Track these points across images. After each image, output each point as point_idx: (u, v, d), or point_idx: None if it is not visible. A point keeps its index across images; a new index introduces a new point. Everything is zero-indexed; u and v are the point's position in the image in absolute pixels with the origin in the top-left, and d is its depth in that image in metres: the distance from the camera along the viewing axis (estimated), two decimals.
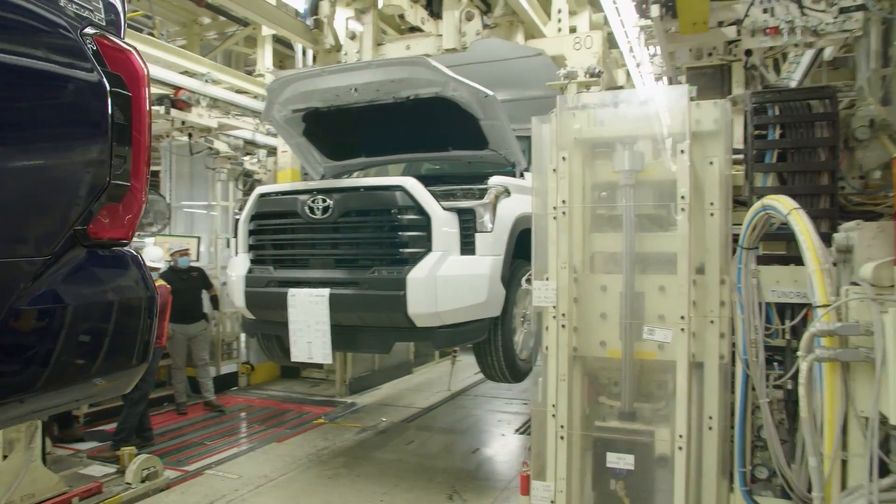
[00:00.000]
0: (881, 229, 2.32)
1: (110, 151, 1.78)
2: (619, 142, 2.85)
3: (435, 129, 5.43)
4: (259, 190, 5.14)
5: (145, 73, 1.88)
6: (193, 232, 10.35)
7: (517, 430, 7.78)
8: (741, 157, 3.37)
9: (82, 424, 7.41)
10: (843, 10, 3.88)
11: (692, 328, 2.69)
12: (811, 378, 2.25)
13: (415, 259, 4.36)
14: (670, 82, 6.04)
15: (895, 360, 2.01)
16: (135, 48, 1.90)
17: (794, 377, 2.60)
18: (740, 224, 2.82)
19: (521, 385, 10.36)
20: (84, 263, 1.73)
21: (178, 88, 6.78)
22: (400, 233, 4.45)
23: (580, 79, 5.28)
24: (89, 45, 1.71)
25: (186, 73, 6.97)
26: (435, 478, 6.22)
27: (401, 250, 4.43)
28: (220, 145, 8.11)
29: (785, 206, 2.53)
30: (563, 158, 3.01)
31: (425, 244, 4.38)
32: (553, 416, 2.85)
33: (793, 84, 5.93)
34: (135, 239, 6.56)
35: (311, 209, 4.61)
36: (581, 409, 2.86)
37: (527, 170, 5.57)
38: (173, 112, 6.75)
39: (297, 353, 4.64)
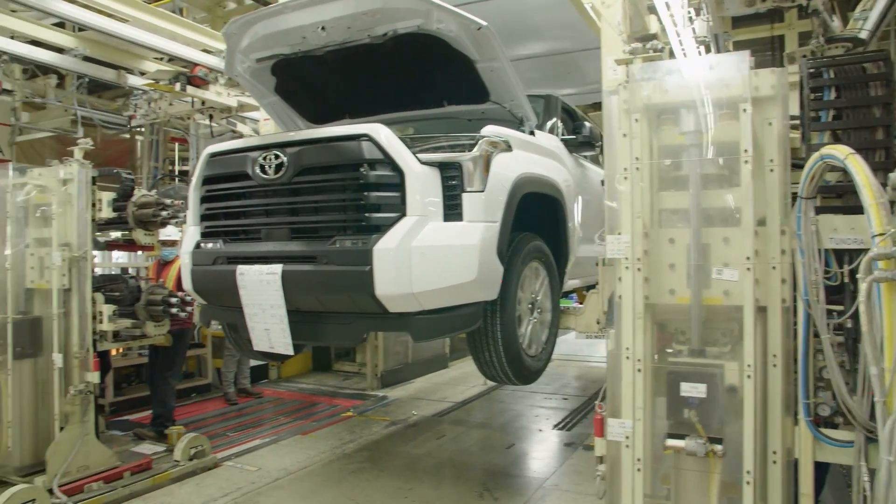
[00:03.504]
0: None
1: None
2: (684, 107, 2.97)
3: (427, 81, 4.57)
4: (209, 149, 4.26)
5: None
6: None
7: (555, 426, 7.27)
8: (797, 121, 3.35)
9: (108, 414, 7.25)
10: None
11: (756, 275, 2.82)
12: (870, 298, 2.53)
13: (384, 226, 3.52)
14: (716, 42, 5.44)
15: None
16: None
17: (854, 316, 2.72)
18: (797, 183, 2.95)
19: (564, 379, 9.94)
20: None
21: (194, 65, 6.55)
22: (366, 193, 3.58)
23: (644, 54, 4.67)
24: None
25: (205, 50, 6.73)
26: (465, 474, 5.78)
27: (367, 215, 3.56)
28: (243, 128, 7.85)
29: (841, 152, 2.68)
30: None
31: (398, 207, 3.55)
32: (627, 357, 3.01)
33: (864, 34, 5.31)
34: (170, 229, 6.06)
35: (263, 168, 3.82)
36: (652, 353, 3.07)
37: (540, 127, 4.80)
38: (189, 89, 6.51)
39: (258, 343, 3.93)
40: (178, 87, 6.50)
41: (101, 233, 5.74)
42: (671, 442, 2.85)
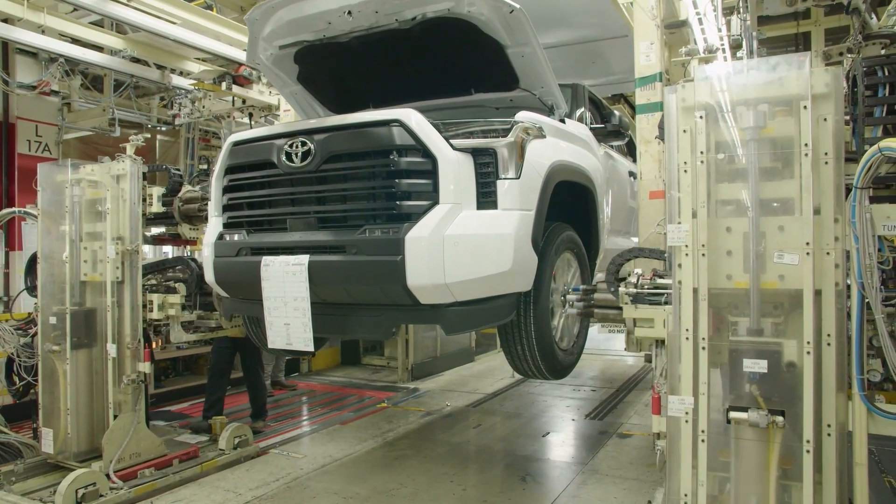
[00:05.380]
0: None
1: None
2: (745, 104, 3.09)
3: (454, 68, 4.45)
4: (232, 137, 4.12)
5: None
6: None
7: (587, 416, 7.39)
8: (847, 116, 3.41)
9: (149, 405, 7.43)
10: None
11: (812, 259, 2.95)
12: None
13: (416, 214, 3.40)
14: (749, 39, 5.55)
15: None
16: None
17: None
18: (850, 175, 3.04)
19: (589, 372, 10.06)
20: None
21: (239, 64, 6.74)
22: (397, 180, 3.45)
23: (701, 55, 4.79)
24: None
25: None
26: (505, 460, 5.93)
27: (398, 203, 3.44)
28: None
29: None
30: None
31: (430, 195, 3.43)
32: (687, 338, 3.14)
33: None
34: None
35: (289, 156, 3.68)
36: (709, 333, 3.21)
37: (569, 116, 4.67)
38: (235, 88, 6.70)
39: (274, 338, 3.76)
40: (223, 86, 6.69)
41: (144, 228, 5.94)
42: (734, 414, 2.98)
